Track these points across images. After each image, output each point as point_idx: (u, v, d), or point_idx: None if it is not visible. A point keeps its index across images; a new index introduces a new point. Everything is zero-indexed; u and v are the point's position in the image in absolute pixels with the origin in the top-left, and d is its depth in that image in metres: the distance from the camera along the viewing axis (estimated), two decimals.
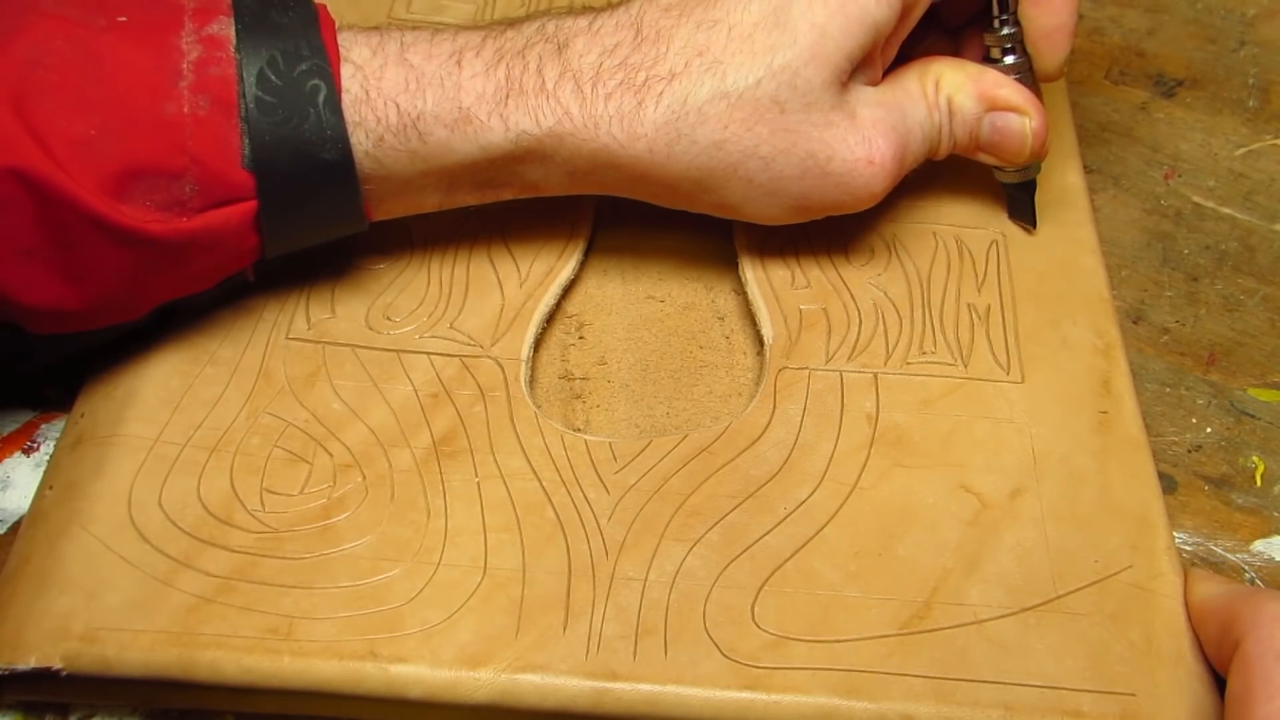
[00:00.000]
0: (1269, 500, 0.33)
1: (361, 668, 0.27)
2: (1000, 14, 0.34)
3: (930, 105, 0.33)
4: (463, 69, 0.30)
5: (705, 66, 0.30)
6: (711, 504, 0.30)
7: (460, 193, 0.33)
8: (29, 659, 0.26)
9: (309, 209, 0.30)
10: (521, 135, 0.30)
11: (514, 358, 0.33)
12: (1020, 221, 0.36)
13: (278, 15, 0.29)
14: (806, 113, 0.30)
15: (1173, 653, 0.27)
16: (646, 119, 0.30)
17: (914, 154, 0.33)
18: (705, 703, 0.27)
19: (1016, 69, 0.34)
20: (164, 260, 0.29)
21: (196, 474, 0.30)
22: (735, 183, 0.31)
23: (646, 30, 0.31)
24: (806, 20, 0.30)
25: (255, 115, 0.28)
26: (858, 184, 0.32)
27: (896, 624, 0.28)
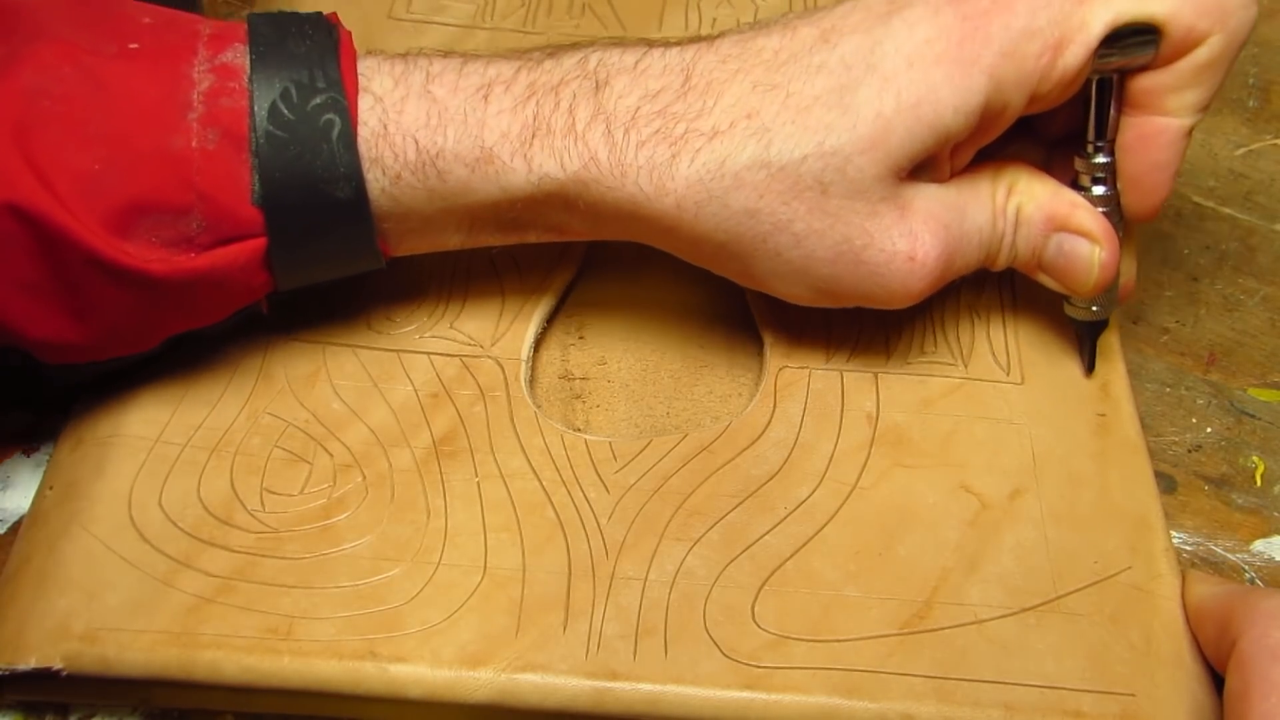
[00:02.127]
0: (1269, 500, 0.33)
1: (361, 667, 0.27)
2: (1096, 139, 0.30)
3: (996, 211, 0.30)
4: (489, 104, 0.29)
5: (751, 130, 0.28)
6: (712, 503, 0.30)
7: (482, 233, 0.31)
8: (29, 659, 0.26)
9: (321, 247, 0.29)
10: (544, 178, 0.29)
11: (514, 358, 0.33)
12: (1089, 362, 0.33)
13: (294, 44, 0.28)
14: (851, 199, 0.28)
15: (1172, 654, 0.27)
16: (679, 174, 0.28)
17: (966, 259, 0.30)
18: (705, 702, 0.27)
19: (1104, 201, 0.31)
20: (169, 298, 0.28)
21: (197, 474, 0.30)
22: (762, 254, 0.29)
23: (697, 79, 0.29)
24: (872, 108, 0.27)
25: (266, 150, 0.27)
26: (894, 279, 0.29)
27: (897, 624, 0.28)
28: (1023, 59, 0.27)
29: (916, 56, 0.27)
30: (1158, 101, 0.29)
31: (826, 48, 0.28)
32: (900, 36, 0.28)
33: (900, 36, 0.28)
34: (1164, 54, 0.28)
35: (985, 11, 0.27)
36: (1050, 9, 0.27)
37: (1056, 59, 0.28)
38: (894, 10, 0.28)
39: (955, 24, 0.27)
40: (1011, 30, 0.27)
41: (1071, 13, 0.27)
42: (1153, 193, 0.30)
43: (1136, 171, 0.30)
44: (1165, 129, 0.29)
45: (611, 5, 0.41)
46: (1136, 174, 0.30)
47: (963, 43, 0.27)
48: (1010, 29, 0.27)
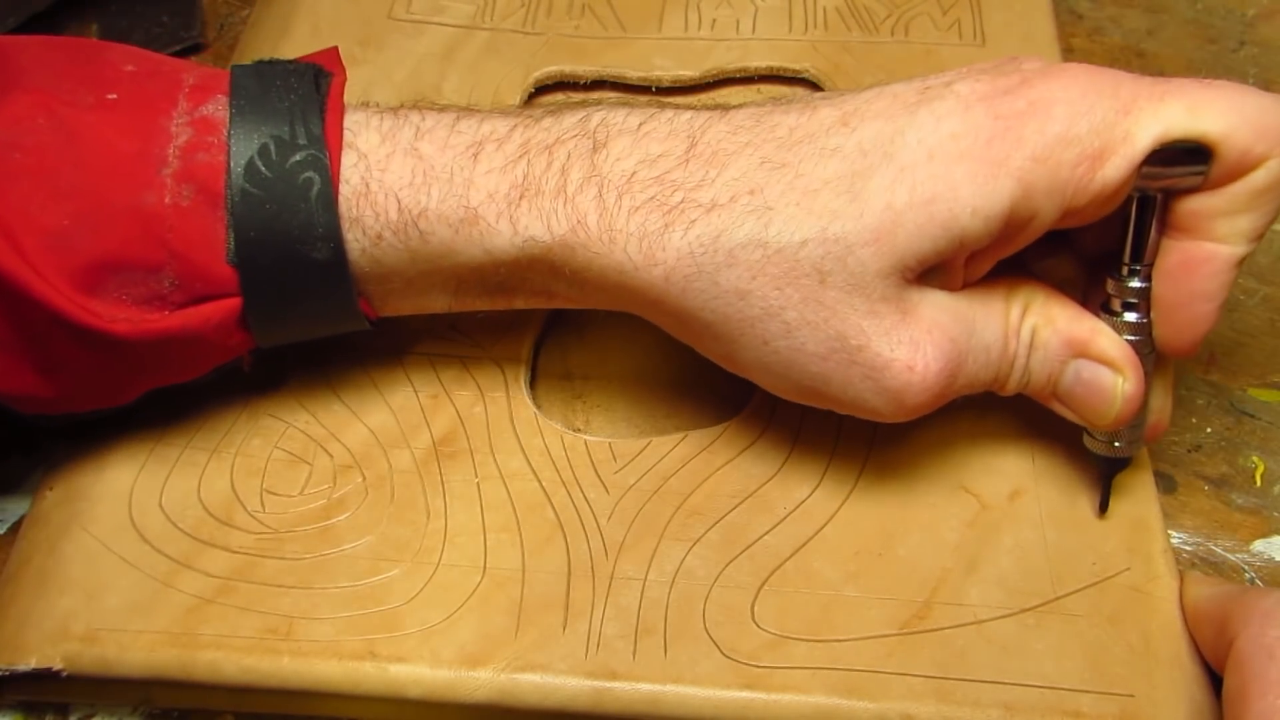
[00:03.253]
0: (1269, 500, 0.33)
1: (361, 668, 0.27)
2: (1132, 261, 0.27)
3: (1009, 331, 0.28)
4: (478, 163, 0.27)
5: (752, 208, 0.26)
6: (711, 504, 0.30)
7: (468, 296, 0.30)
8: (29, 659, 0.27)
9: (299, 308, 0.28)
10: (530, 241, 0.27)
11: (514, 359, 0.33)
12: (1105, 502, 0.30)
13: (278, 97, 0.27)
14: (849, 293, 0.26)
15: (1170, 654, 0.27)
16: (670, 245, 0.26)
17: (970, 377, 0.27)
18: (705, 702, 0.27)
19: (1135, 330, 0.28)
20: (139, 356, 0.27)
21: (197, 475, 0.30)
22: (750, 340, 0.27)
23: (703, 147, 0.27)
24: (882, 198, 0.25)
25: (241, 208, 0.26)
26: (889, 386, 0.26)
27: (896, 624, 0.28)
28: (1057, 166, 0.25)
29: (939, 150, 0.25)
30: (1206, 226, 0.26)
31: (845, 131, 0.26)
32: (925, 128, 0.26)
33: (925, 128, 0.26)
34: (1216, 176, 0.25)
35: (1020, 113, 0.25)
36: (1092, 116, 0.25)
37: (1095, 171, 0.25)
38: (922, 101, 0.26)
39: (986, 122, 0.25)
40: (1047, 135, 0.25)
41: (1115, 123, 0.25)
42: (1192, 326, 0.27)
43: (1176, 300, 0.27)
44: (1212, 256, 0.26)
45: (611, 6, 0.41)
46: (1176, 303, 0.27)
47: (991, 141, 0.25)
48: (1045, 133, 0.25)
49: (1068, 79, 0.26)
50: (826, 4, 0.41)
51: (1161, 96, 0.25)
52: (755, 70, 0.40)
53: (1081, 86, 0.25)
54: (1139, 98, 0.25)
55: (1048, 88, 0.25)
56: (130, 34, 0.44)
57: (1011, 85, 0.26)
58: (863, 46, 0.40)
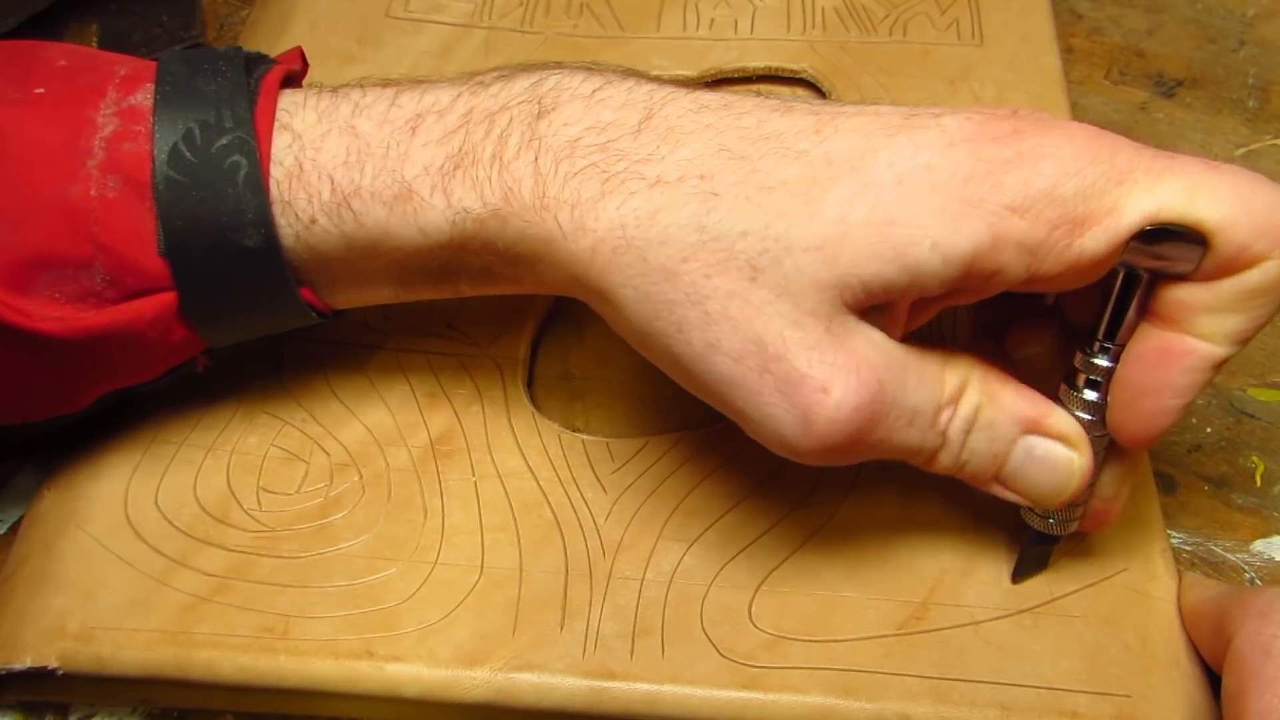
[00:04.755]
0: (1269, 500, 0.33)
1: (358, 667, 0.27)
2: (1104, 339, 0.25)
3: (942, 401, 0.25)
4: (416, 136, 0.26)
5: (698, 191, 0.24)
6: (709, 504, 0.30)
7: (414, 284, 0.28)
8: (25, 658, 0.27)
9: (237, 300, 0.27)
10: (462, 214, 0.26)
11: (512, 357, 0.33)
12: (1025, 576, 0.29)
13: (204, 81, 0.26)
14: (778, 296, 0.24)
15: (1168, 655, 0.27)
16: (603, 215, 0.25)
17: (888, 435, 0.25)
18: (702, 702, 0.26)
19: (1091, 409, 0.26)
20: (75, 358, 0.26)
21: (193, 473, 0.30)
22: (664, 325, 0.25)
23: (658, 121, 0.25)
24: (838, 210, 0.23)
25: (166, 196, 0.25)
26: (799, 404, 0.24)
27: (894, 624, 0.28)
28: (1034, 223, 0.23)
29: (910, 177, 0.23)
30: (1190, 319, 0.24)
31: (815, 138, 0.24)
32: (900, 153, 0.24)
33: (900, 153, 0.24)
34: (1208, 267, 0.23)
35: (1006, 160, 0.23)
36: (1081, 179, 0.23)
37: (1074, 238, 0.23)
38: (904, 128, 0.24)
39: (967, 161, 0.23)
40: (1029, 187, 0.23)
41: (1105, 191, 0.23)
42: (1151, 419, 0.25)
43: (1142, 388, 0.25)
44: (1190, 352, 0.24)
45: (610, 5, 0.41)
46: (1141, 391, 0.25)
47: (969, 181, 0.23)
48: (1028, 185, 0.23)
49: (1063, 136, 0.24)
50: (825, 4, 0.41)
51: (1160, 172, 0.23)
52: (753, 70, 0.40)
53: (1076, 146, 0.23)
54: (1135, 169, 0.23)
55: (1040, 141, 0.23)
56: (130, 34, 0.44)
57: (1002, 133, 0.24)
58: (861, 46, 0.40)
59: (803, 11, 0.41)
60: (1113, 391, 0.25)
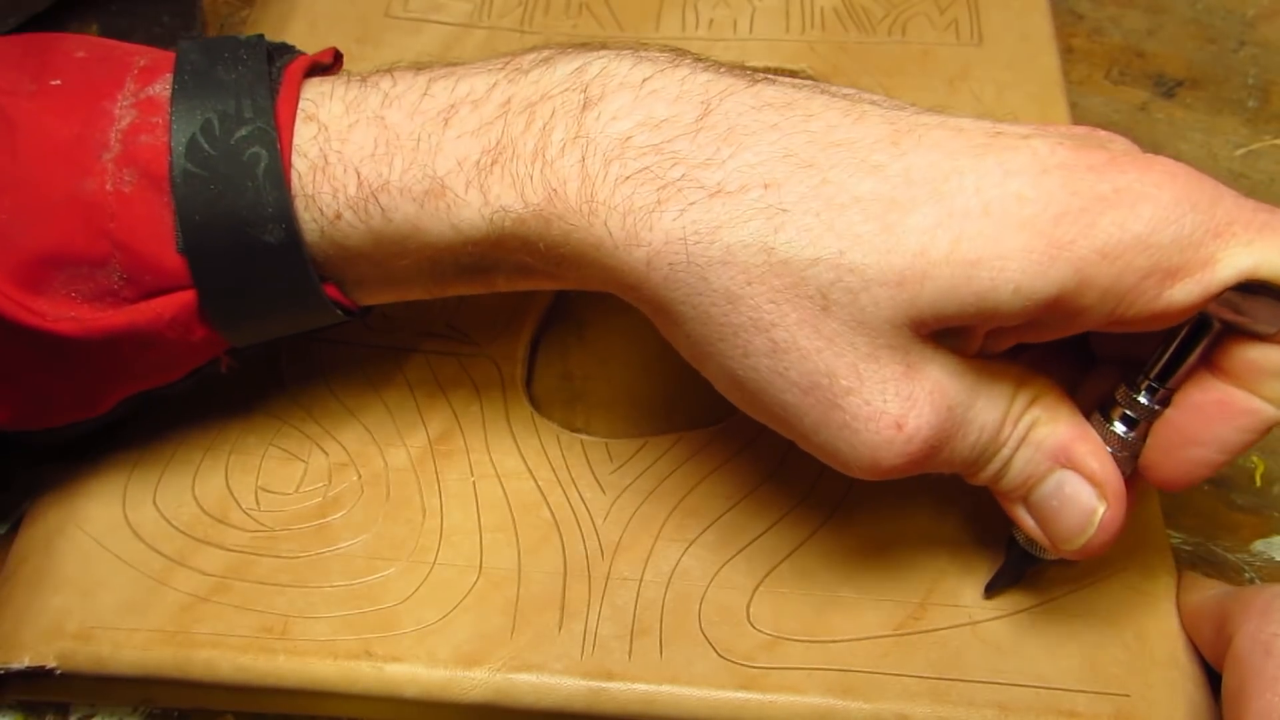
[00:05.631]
0: (1269, 500, 0.33)
1: (357, 667, 0.27)
2: (1151, 377, 0.24)
3: (1008, 417, 0.25)
4: (449, 127, 0.24)
5: (763, 204, 0.23)
6: (707, 504, 0.30)
7: (446, 281, 0.27)
8: (23, 658, 0.27)
9: (259, 298, 0.25)
10: (501, 212, 0.24)
11: (510, 357, 0.33)
12: (998, 588, 0.28)
13: (224, 70, 0.25)
14: (852, 330, 0.23)
15: (1166, 654, 0.27)
16: (659, 226, 0.23)
17: (954, 454, 0.24)
18: (700, 702, 0.26)
19: (1120, 444, 0.25)
20: (93, 359, 0.25)
21: (192, 472, 0.30)
22: (727, 348, 0.24)
23: (717, 118, 0.23)
24: (918, 241, 0.22)
25: (183, 190, 0.24)
26: (868, 440, 0.23)
27: (892, 624, 0.28)
28: (1125, 270, 0.22)
29: (998, 208, 0.22)
30: (1258, 380, 0.23)
31: (893, 150, 0.23)
32: (989, 177, 0.22)
33: (989, 177, 0.22)
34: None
35: (1102, 197, 0.22)
36: (1179, 227, 0.22)
37: (1164, 288, 0.22)
38: (993, 147, 0.23)
39: (1061, 194, 0.22)
40: (1125, 232, 0.22)
41: (1202, 243, 0.22)
42: (1193, 469, 0.24)
43: (1191, 437, 0.24)
44: (1252, 412, 0.23)
45: (609, 5, 0.41)
46: (1189, 440, 0.24)
47: (1060, 219, 0.22)
48: (1124, 229, 0.22)
49: (1163, 175, 0.22)
50: (824, 4, 0.41)
51: (1260, 226, 0.22)
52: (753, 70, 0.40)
53: (1176, 191, 0.22)
54: (1235, 222, 0.22)
55: (1139, 178, 0.22)
56: (130, 34, 0.44)
57: (1097, 162, 0.22)
58: (860, 46, 0.40)
59: (801, 12, 0.41)
60: (1158, 432, 0.24)
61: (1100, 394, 0.26)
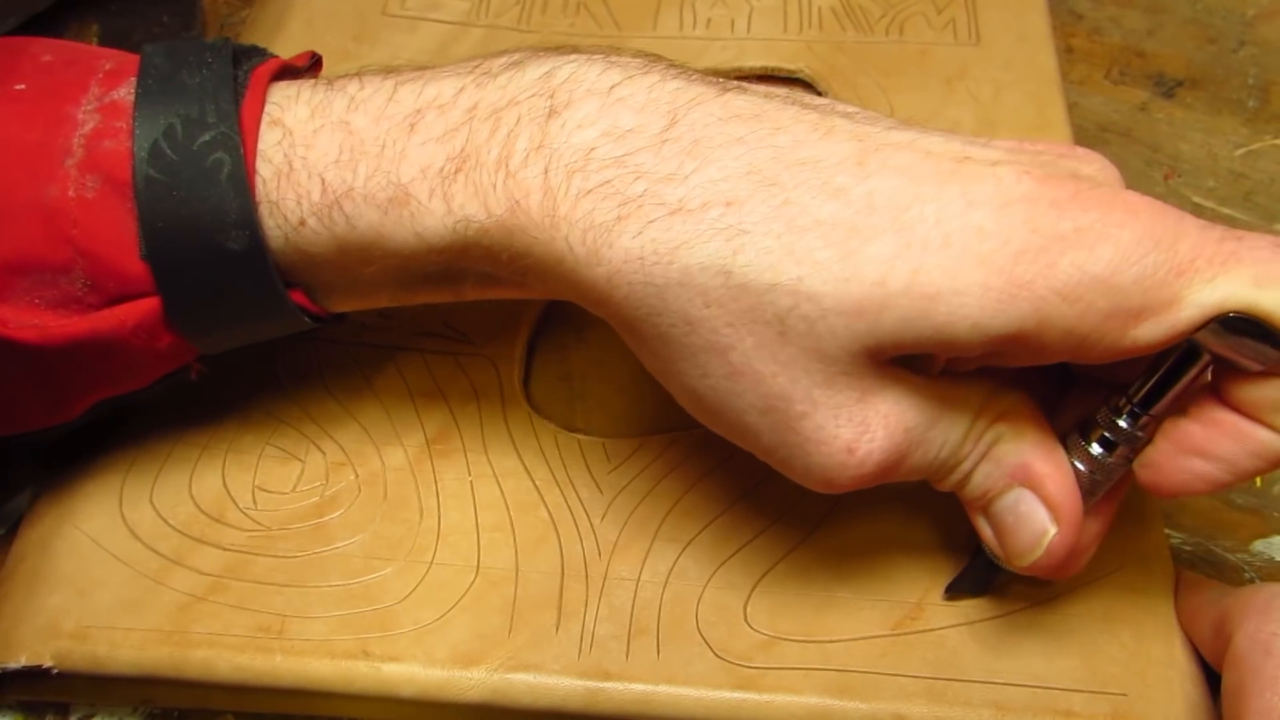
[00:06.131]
0: (1269, 500, 0.33)
1: (354, 667, 0.27)
2: (1134, 402, 0.24)
3: (971, 434, 0.24)
4: (415, 133, 0.24)
5: (724, 224, 0.22)
6: (705, 504, 0.30)
7: (414, 289, 0.27)
8: (20, 657, 0.27)
9: (224, 305, 0.25)
10: (463, 222, 0.24)
11: (508, 356, 0.33)
12: (958, 591, 0.28)
13: (188, 75, 0.24)
14: (808, 357, 0.22)
15: (1164, 653, 0.27)
16: (618, 244, 0.23)
17: (914, 468, 0.24)
18: (698, 702, 0.26)
19: (1092, 465, 0.25)
20: (58, 367, 0.25)
21: (189, 471, 0.30)
22: (687, 368, 0.24)
23: (683, 129, 0.23)
24: (877, 272, 0.22)
25: (145, 196, 0.23)
26: (821, 464, 0.23)
27: (889, 624, 0.28)
28: (1085, 311, 0.21)
29: (959, 241, 0.21)
30: (1258, 413, 0.23)
31: (858, 172, 0.22)
32: (951, 207, 0.22)
33: (951, 207, 0.22)
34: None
35: (1062, 236, 0.21)
36: (1141, 267, 0.21)
37: (1127, 329, 0.22)
38: (958, 174, 0.22)
39: (1021, 231, 0.21)
40: (1085, 273, 0.21)
41: (1165, 283, 0.21)
42: (1191, 479, 0.23)
43: (1201, 448, 0.23)
44: (1261, 440, 0.23)
45: (606, 4, 0.41)
46: (1198, 449, 0.23)
47: (1020, 257, 0.21)
48: (1084, 271, 0.21)
49: (1125, 214, 0.22)
50: (821, 4, 0.41)
51: (1225, 259, 0.21)
52: (750, 70, 0.40)
53: (1138, 230, 0.21)
54: (1199, 258, 0.21)
55: (1101, 218, 0.22)
56: (130, 34, 0.44)
57: (1061, 196, 0.22)
58: (858, 46, 0.40)
59: (799, 11, 0.41)
60: (1167, 433, 0.24)
61: (1083, 412, 0.26)
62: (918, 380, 0.24)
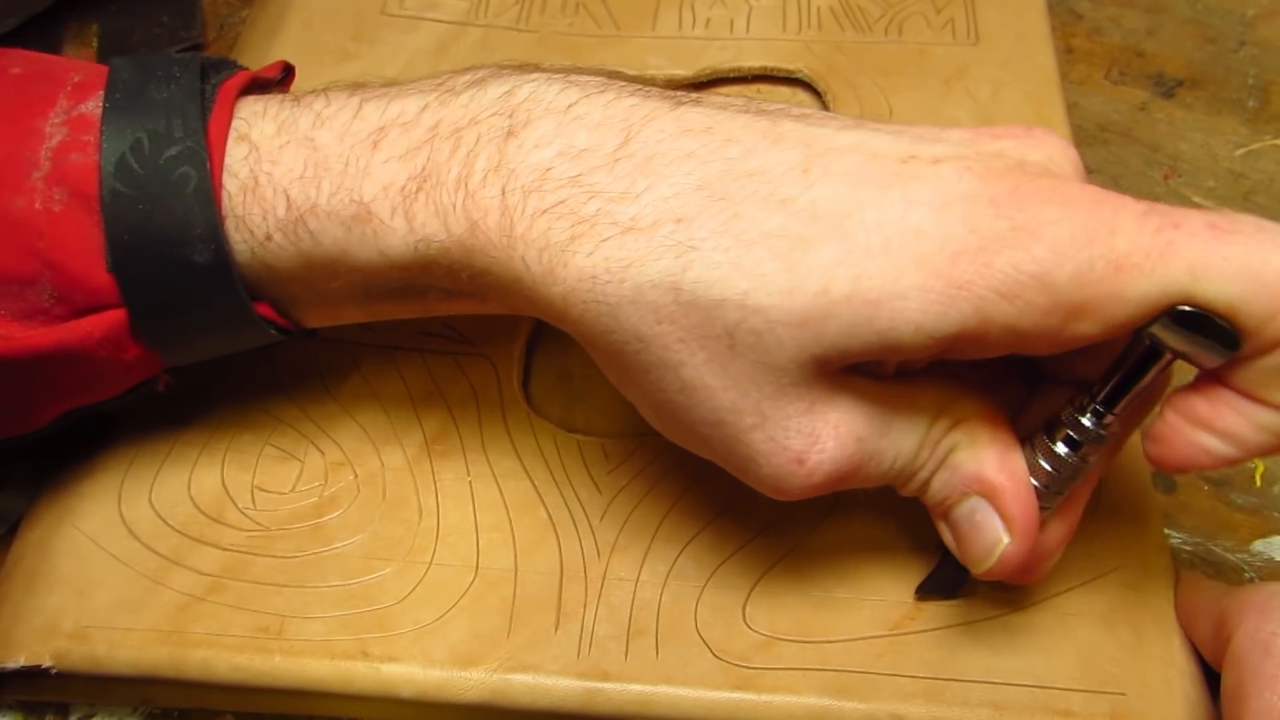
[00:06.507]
0: (1268, 500, 0.33)
1: (353, 667, 0.27)
2: (1096, 402, 0.24)
3: (926, 442, 0.25)
4: (378, 150, 0.24)
5: (674, 241, 0.22)
6: (703, 505, 0.30)
7: (380, 303, 0.27)
8: (18, 657, 0.27)
9: (190, 318, 0.25)
10: (424, 241, 0.24)
11: (507, 356, 0.33)
12: (928, 592, 0.28)
13: (156, 89, 0.25)
14: (757, 370, 0.23)
15: (1163, 652, 0.27)
16: (572, 263, 0.23)
17: (869, 476, 0.25)
18: (696, 703, 0.26)
19: (1057, 464, 0.25)
20: (24, 377, 0.25)
21: (187, 471, 0.30)
22: (643, 382, 0.24)
23: (636, 146, 0.23)
24: (820, 281, 0.22)
25: (112, 210, 0.24)
26: (772, 473, 0.24)
27: (887, 625, 0.28)
28: (1024, 309, 0.21)
29: (897, 244, 0.22)
30: (1255, 392, 0.22)
31: (803, 180, 0.23)
32: (891, 212, 0.22)
33: (891, 212, 0.22)
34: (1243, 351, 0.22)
35: (999, 235, 0.21)
36: (1077, 261, 0.21)
37: (1067, 324, 0.22)
38: (900, 175, 0.22)
39: (959, 231, 0.22)
40: (1021, 272, 0.21)
41: (1103, 277, 0.21)
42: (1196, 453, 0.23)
43: (1207, 421, 0.23)
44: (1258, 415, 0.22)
45: (605, 4, 0.41)
46: (1204, 422, 0.23)
47: (958, 257, 0.21)
48: (1020, 269, 0.21)
49: (1061, 207, 0.22)
50: (820, 3, 0.41)
51: (1163, 252, 0.21)
52: (749, 70, 0.40)
53: (1073, 225, 0.21)
54: (1135, 252, 0.21)
55: (1037, 213, 0.22)
56: (131, 34, 0.44)
57: (1000, 194, 0.22)
58: (856, 46, 0.40)
59: (798, 11, 0.41)
60: (1176, 407, 0.23)
61: (1051, 410, 0.25)
62: (871, 388, 0.24)
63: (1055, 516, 0.26)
